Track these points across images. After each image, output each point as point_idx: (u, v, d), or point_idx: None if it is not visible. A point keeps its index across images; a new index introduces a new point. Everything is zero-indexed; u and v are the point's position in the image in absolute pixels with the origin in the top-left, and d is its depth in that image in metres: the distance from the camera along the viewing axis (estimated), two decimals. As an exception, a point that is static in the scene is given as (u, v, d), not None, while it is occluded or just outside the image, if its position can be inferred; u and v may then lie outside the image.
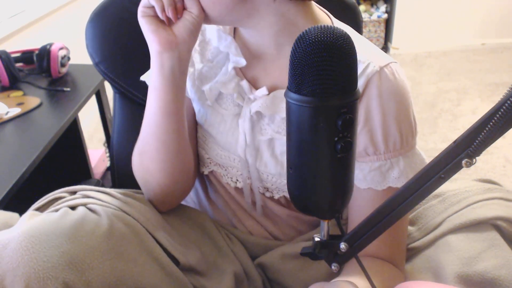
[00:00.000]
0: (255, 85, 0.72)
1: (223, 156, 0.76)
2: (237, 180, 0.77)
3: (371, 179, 0.66)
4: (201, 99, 0.76)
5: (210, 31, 0.75)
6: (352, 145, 0.40)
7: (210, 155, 0.78)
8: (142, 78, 0.80)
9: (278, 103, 0.69)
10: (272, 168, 0.73)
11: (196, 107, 0.78)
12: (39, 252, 0.54)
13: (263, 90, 0.69)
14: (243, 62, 0.69)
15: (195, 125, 0.80)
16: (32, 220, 0.59)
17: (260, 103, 0.69)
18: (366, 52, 0.66)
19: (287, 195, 0.74)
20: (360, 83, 0.63)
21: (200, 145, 0.79)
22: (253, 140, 0.72)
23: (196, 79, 0.75)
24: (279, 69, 0.70)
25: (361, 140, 0.66)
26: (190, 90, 0.77)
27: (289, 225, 0.80)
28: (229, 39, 0.71)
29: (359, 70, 0.64)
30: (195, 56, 0.76)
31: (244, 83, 0.71)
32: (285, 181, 0.72)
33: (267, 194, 0.77)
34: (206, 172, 0.80)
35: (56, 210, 0.64)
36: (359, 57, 0.64)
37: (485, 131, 0.34)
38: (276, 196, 0.76)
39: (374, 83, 0.63)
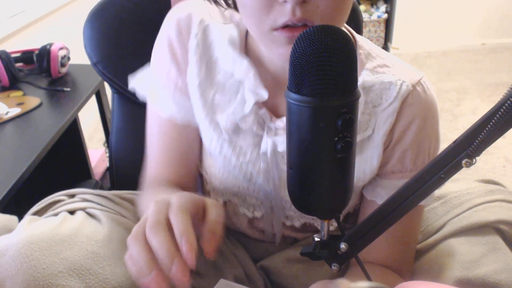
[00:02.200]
0: (275, 112, 0.66)
1: (241, 187, 0.71)
2: (254, 210, 0.73)
3: None
4: (216, 130, 0.68)
5: (218, 48, 0.67)
6: (352, 145, 0.40)
7: (226, 186, 0.72)
8: (132, 86, 0.75)
9: None
10: None
11: (208, 136, 0.70)
12: (38, 259, 0.53)
13: (285, 120, 0.63)
14: (264, 95, 0.63)
15: (199, 151, 0.74)
16: (31, 226, 0.58)
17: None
18: (396, 70, 0.65)
19: (309, 220, 0.73)
20: (396, 104, 0.62)
21: (213, 175, 0.73)
22: (276, 170, 0.68)
23: (209, 108, 0.68)
24: None
25: (392, 159, 0.65)
26: (203, 119, 0.68)
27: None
28: (245, 63, 0.64)
29: (394, 92, 0.62)
30: (193, 67, 0.67)
31: (264, 113, 0.65)
32: None
33: (287, 223, 0.74)
34: (221, 202, 0.75)
35: (55, 214, 0.63)
36: (390, 78, 0.63)
37: (485, 131, 0.34)
38: (297, 224, 0.74)
39: (408, 103, 0.63)
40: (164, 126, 0.70)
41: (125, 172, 1.03)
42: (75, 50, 1.56)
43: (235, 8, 0.59)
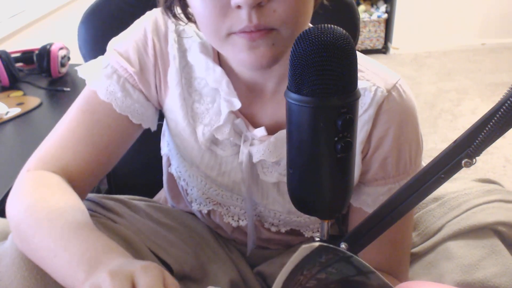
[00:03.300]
0: (252, 122, 0.65)
1: (224, 196, 0.70)
2: (239, 219, 0.72)
3: (380, 203, 0.65)
4: (197, 140, 0.66)
5: (193, 55, 0.65)
6: (352, 145, 0.40)
7: (210, 195, 0.71)
8: (81, 73, 0.68)
9: (282, 146, 0.61)
10: (280, 206, 0.68)
11: (189, 146, 0.68)
12: (32, 270, 0.53)
13: (261, 131, 0.63)
14: (237, 104, 0.61)
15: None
16: None
17: (262, 150, 0.62)
18: (371, 75, 0.62)
19: (295, 227, 0.73)
20: (371, 112, 0.61)
21: (195, 185, 0.72)
22: (257, 180, 0.67)
23: (190, 117, 0.66)
24: (275, 104, 0.63)
25: (372, 166, 0.64)
26: (185, 129, 0.67)
27: (290, 244, 0.80)
28: (218, 71, 0.62)
29: (368, 99, 0.61)
30: (174, 75, 0.65)
31: (239, 122, 0.63)
32: (295, 217, 0.69)
33: (273, 229, 0.73)
34: (204, 211, 0.74)
35: None
36: (364, 84, 0.60)
37: (485, 131, 0.34)
38: (283, 230, 0.73)
39: (384, 109, 0.61)
40: (97, 106, 0.64)
41: (123, 175, 1.03)
42: (75, 50, 1.56)
43: (195, 21, 0.57)
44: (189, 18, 0.60)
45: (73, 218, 0.53)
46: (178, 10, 0.61)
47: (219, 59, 0.65)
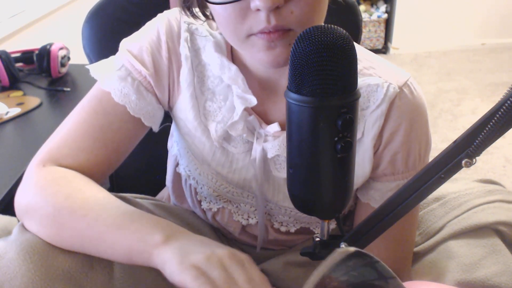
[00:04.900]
0: (265, 119, 0.66)
1: (235, 193, 0.70)
2: (248, 217, 0.72)
3: None
4: (209, 138, 0.67)
5: (207, 54, 0.66)
6: (352, 145, 0.40)
7: (220, 193, 0.71)
8: (93, 73, 0.67)
9: None
10: (291, 203, 0.69)
11: (200, 144, 0.68)
12: (36, 263, 0.53)
13: (274, 127, 0.64)
14: (253, 101, 0.62)
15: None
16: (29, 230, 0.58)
17: (277, 145, 0.63)
18: (383, 72, 0.64)
19: (305, 224, 0.73)
20: (384, 107, 0.62)
21: (205, 183, 0.72)
22: (267, 176, 0.67)
23: (202, 116, 0.67)
24: None
25: (382, 161, 0.65)
26: (195, 128, 0.67)
27: (295, 244, 0.79)
28: (233, 69, 0.63)
29: (381, 95, 0.62)
30: (187, 75, 0.65)
31: (253, 119, 0.64)
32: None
33: (282, 229, 0.73)
34: (214, 209, 0.74)
35: None
36: (376, 80, 0.62)
37: (485, 131, 0.34)
38: (293, 230, 0.73)
39: (396, 105, 0.62)
40: (110, 108, 0.64)
41: (125, 173, 1.03)
42: (75, 50, 1.56)
43: (214, 19, 0.59)
44: (207, 16, 0.61)
45: (123, 202, 0.58)
46: (196, 8, 0.62)
47: (233, 57, 0.66)
